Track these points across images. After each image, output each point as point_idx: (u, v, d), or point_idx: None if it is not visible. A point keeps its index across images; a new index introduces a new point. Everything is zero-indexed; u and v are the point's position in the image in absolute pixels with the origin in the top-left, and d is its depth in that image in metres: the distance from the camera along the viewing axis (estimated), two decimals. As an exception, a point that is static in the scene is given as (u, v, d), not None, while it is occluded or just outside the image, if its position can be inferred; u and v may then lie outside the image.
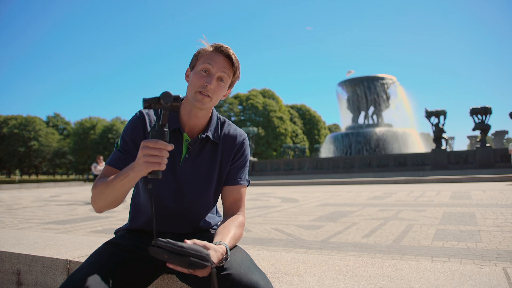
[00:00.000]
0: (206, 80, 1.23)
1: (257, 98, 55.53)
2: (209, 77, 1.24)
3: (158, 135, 0.99)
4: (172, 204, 1.29)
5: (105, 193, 1.14)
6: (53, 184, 30.69)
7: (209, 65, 1.24)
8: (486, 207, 6.25)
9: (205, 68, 1.25)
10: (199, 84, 1.24)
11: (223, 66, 1.26)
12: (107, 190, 1.13)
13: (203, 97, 1.24)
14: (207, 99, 1.24)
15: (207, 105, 1.25)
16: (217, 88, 1.25)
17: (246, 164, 1.40)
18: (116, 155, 1.26)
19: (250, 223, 5.42)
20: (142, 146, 0.99)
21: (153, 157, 0.98)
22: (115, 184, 1.10)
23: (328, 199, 9.19)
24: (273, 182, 20.18)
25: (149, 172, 1.00)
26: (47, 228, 5.48)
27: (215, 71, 1.25)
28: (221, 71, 1.25)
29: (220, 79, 1.26)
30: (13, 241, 2.13)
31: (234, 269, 1.03)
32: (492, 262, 2.88)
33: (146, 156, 0.99)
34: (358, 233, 4.31)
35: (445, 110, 22.74)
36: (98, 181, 1.20)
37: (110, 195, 1.14)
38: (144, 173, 1.01)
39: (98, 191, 1.17)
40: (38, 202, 11.52)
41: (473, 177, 15.97)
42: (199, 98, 1.24)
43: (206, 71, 1.25)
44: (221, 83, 1.27)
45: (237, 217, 1.29)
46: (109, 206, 1.18)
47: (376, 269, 1.41)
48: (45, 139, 56.49)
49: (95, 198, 1.19)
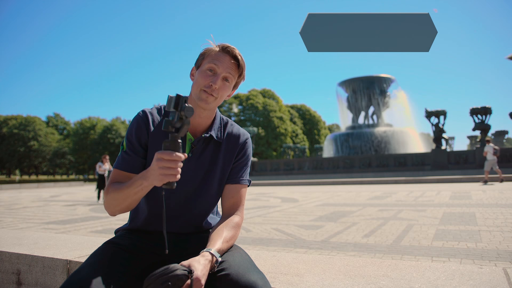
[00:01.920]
0: (211, 80, 1.23)
1: (257, 98, 55.54)
2: (215, 76, 1.24)
3: (172, 147, 1.00)
4: (174, 203, 1.29)
5: (118, 200, 1.17)
6: (53, 184, 30.71)
7: (215, 65, 1.24)
8: (486, 207, 6.25)
9: (210, 67, 1.25)
10: (204, 83, 1.24)
11: (228, 66, 1.26)
12: (120, 197, 1.16)
13: (208, 96, 1.24)
14: (211, 98, 1.24)
15: (211, 105, 1.26)
16: (222, 87, 1.25)
17: (248, 164, 1.40)
18: (123, 157, 1.26)
19: (250, 223, 5.42)
20: (157, 158, 1.00)
21: (168, 169, 1.00)
22: (128, 192, 1.13)
23: (328, 199, 9.19)
24: (273, 182, 20.18)
25: (164, 183, 1.03)
26: (47, 228, 5.48)
27: (220, 71, 1.25)
28: (226, 72, 1.25)
29: (225, 79, 1.26)
30: (13, 241, 2.13)
31: (232, 269, 1.03)
32: (492, 262, 2.88)
33: (162, 168, 1.00)
34: (358, 233, 4.31)
35: (445, 110, 22.74)
36: (109, 187, 1.22)
37: (124, 202, 1.17)
38: (158, 184, 1.03)
39: (111, 198, 1.19)
40: (38, 202, 11.52)
41: (473, 177, 15.97)
42: (203, 97, 1.24)
43: (211, 71, 1.25)
44: (226, 83, 1.27)
45: (232, 218, 1.28)
46: (123, 210, 1.21)
47: (376, 269, 1.41)
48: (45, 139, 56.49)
49: (108, 204, 1.21)
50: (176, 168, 1.00)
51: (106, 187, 1.24)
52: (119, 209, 1.20)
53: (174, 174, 1.01)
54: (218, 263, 1.06)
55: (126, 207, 1.19)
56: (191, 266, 0.98)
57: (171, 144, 1.00)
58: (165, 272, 0.94)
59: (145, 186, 1.09)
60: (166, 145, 1.00)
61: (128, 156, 1.25)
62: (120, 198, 1.16)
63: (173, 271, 0.94)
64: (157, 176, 1.01)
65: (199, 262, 1.00)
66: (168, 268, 0.95)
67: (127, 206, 1.19)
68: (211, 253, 1.06)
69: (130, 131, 1.28)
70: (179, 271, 0.95)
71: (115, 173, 1.26)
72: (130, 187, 1.12)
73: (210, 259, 1.04)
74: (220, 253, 1.11)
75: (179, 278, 0.94)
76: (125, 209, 1.20)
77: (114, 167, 1.27)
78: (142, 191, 1.11)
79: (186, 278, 0.95)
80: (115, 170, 1.26)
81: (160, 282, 0.92)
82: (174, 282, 0.93)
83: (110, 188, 1.20)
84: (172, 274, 0.94)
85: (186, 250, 1.27)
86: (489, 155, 14.19)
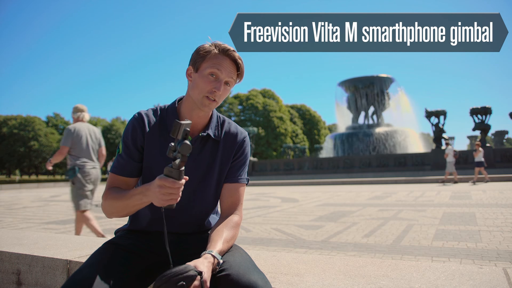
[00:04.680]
0: (214, 86, 1.22)
1: (257, 98, 55.53)
2: (217, 82, 1.23)
3: (175, 176, 1.01)
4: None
5: (116, 208, 1.20)
6: (53, 184, 30.69)
7: (217, 70, 1.23)
8: (486, 207, 6.25)
9: (213, 72, 1.23)
10: (207, 89, 1.22)
11: (231, 71, 1.26)
12: (119, 206, 1.19)
13: (210, 102, 1.24)
14: (214, 104, 1.25)
15: (212, 109, 1.28)
16: (224, 92, 1.26)
17: (246, 163, 1.39)
18: (119, 162, 1.27)
19: (250, 223, 5.42)
20: (159, 185, 1.02)
21: (170, 194, 1.03)
22: (127, 203, 1.16)
23: (328, 199, 9.19)
24: (273, 182, 20.17)
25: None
26: (47, 228, 5.48)
27: (223, 76, 1.24)
28: (229, 77, 1.25)
29: (226, 83, 1.26)
30: (13, 241, 2.13)
31: (233, 270, 1.03)
32: (492, 262, 2.88)
33: (164, 194, 1.03)
34: (358, 233, 4.31)
35: (445, 110, 22.73)
36: (108, 192, 1.23)
37: (122, 211, 1.20)
38: (158, 205, 1.07)
39: (109, 205, 1.22)
40: (38, 202, 11.52)
41: (473, 177, 15.93)
42: (206, 103, 1.24)
43: (213, 75, 1.23)
44: (227, 87, 1.27)
45: (232, 218, 1.28)
46: (121, 216, 1.24)
47: (376, 269, 1.40)
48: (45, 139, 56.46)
49: (106, 209, 1.24)
50: (177, 193, 1.03)
51: (104, 191, 1.25)
52: (117, 215, 1.23)
53: (175, 199, 1.04)
54: (219, 265, 1.07)
55: (124, 215, 1.23)
56: (197, 267, 0.99)
57: (174, 173, 1.01)
58: (179, 272, 0.95)
59: (144, 202, 1.13)
60: (168, 173, 1.02)
61: (123, 160, 1.26)
62: (119, 207, 1.19)
63: (186, 272, 0.95)
64: (158, 200, 1.05)
65: (203, 264, 1.01)
66: (180, 268, 0.96)
67: (125, 214, 1.22)
68: (212, 255, 1.07)
69: (126, 134, 1.28)
70: (192, 271, 0.96)
71: (112, 177, 1.27)
72: (129, 200, 1.15)
73: (212, 261, 1.05)
74: (221, 254, 1.11)
75: (191, 279, 0.95)
76: (123, 216, 1.24)
77: (110, 171, 1.28)
78: (141, 205, 1.16)
79: (196, 279, 0.96)
80: (112, 174, 1.28)
81: (175, 282, 0.93)
82: (188, 283, 0.94)
83: (109, 194, 1.22)
84: (186, 275, 0.94)
85: (187, 251, 1.27)
86: (449, 157, 15.09)
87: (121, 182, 1.26)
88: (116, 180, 1.26)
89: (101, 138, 4.55)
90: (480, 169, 14.31)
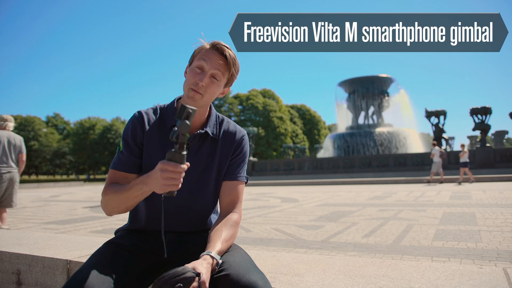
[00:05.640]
0: (198, 77, 1.24)
1: (257, 98, 55.55)
2: (202, 74, 1.24)
3: (177, 159, 1.01)
4: (172, 202, 1.29)
5: (116, 201, 1.18)
6: (53, 184, 30.70)
7: (203, 61, 1.24)
8: (486, 207, 6.25)
9: (199, 65, 1.25)
10: (192, 81, 1.24)
11: (217, 63, 1.25)
12: (119, 199, 1.17)
13: (195, 93, 1.23)
14: (198, 96, 1.24)
15: (199, 102, 1.25)
16: (209, 85, 1.25)
17: (245, 161, 1.39)
18: (119, 158, 1.27)
19: (250, 223, 5.42)
20: (161, 168, 1.01)
21: (172, 179, 1.01)
22: (128, 195, 1.14)
23: (328, 199, 9.19)
24: (273, 182, 20.16)
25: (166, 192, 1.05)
26: (47, 228, 5.48)
27: (208, 68, 1.24)
28: (214, 68, 1.25)
29: (213, 76, 1.26)
30: (13, 241, 2.13)
31: (233, 270, 1.03)
32: (492, 262, 2.88)
33: (166, 179, 1.01)
34: (358, 233, 4.31)
35: (445, 110, 22.75)
36: (108, 188, 1.22)
37: (122, 205, 1.18)
38: (160, 192, 1.05)
39: (109, 199, 1.20)
40: (38, 202, 11.52)
41: (473, 177, 15.95)
42: (190, 95, 1.24)
43: (200, 68, 1.25)
44: (214, 81, 1.26)
45: (231, 216, 1.28)
46: (121, 212, 1.23)
47: (376, 269, 1.40)
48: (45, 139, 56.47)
49: (106, 205, 1.22)
50: (179, 179, 1.02)
51: (104, 188, 1.25)
52: (117, 210, 1.21)
53: (177, 184, 1.02)
54: (218, 266, 1.07)
55: (124, 209, 1.21)
56: (196, 269, 0.99)
57: (176, 156, 1.00)
58: (176, 274, 0.95)
59: (145, 192, 1.11)
60: (170, 157, 1.01)
61: (124, 156, 1.26)
62: (119, 201, 1.18)
63: (184, 273, 0.95)
64: (160, 185, 1.03)
65: (202, 265, 1.01)
66: (178, 270, 0.96)
67: (125, 208, 1.20)
68: (211, 256, 1.07)
69: (126, 132, 1.29)
70: (189, 273, 0.96)
71: (112, 173, 1.26)
72: (130, 191, 1.14)
73: (211, 262, 1.05)
74: (220, 254, 1.11)
75: (189, 281, 0.95)
76: (123, 210, 1.22)
77: (110, 167, 1.28)
78: (141, 195, 1.14)
79: (194, 281, 0.96)
80: (112, 170, 1.27)
81: (172, 284, 0.93)
82: (186, 285, 0.94)
83: (109, 189, 1.21)
84: (184, 276, 0.94)
85: (187, 250, 1.27)
86: (435, 158, 15.26)
87: (121, 177, 1.25)
88: (116, 175, 1.25)
89: (23, 145, 5.22)
90: (465, 169, 14.44)
